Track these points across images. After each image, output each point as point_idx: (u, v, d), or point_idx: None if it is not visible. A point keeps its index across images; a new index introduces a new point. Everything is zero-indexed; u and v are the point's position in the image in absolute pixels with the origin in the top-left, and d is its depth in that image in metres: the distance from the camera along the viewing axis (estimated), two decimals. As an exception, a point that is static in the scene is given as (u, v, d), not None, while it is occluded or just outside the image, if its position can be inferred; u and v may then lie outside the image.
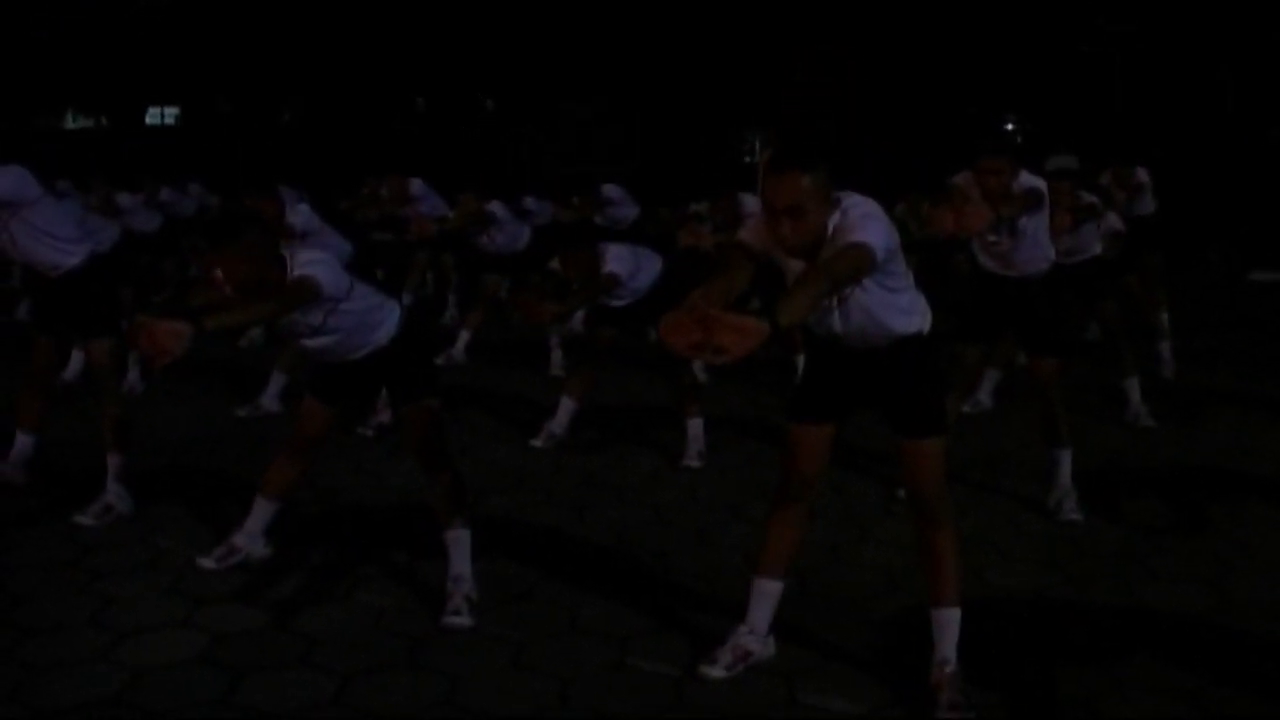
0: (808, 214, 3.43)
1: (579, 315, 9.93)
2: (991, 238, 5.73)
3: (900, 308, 3.75)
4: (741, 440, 7.09)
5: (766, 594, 4.06)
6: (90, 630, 4.26)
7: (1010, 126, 25.10)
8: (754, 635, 4.04)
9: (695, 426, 6.63)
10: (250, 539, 4.90)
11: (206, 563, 4.82)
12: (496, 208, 9.57)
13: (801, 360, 4.06)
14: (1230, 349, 10.39)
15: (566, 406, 6.99)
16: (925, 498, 3.89)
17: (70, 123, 29.67)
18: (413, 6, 23.69)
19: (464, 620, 4.34)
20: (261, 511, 4.91)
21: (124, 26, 26.47)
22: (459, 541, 4.54)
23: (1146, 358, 8.55)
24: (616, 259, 6.68)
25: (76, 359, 7.77)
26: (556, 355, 9.11)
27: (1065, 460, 5.81)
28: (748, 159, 26.30)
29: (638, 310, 6.78)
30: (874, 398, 3.93)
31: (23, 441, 5.88)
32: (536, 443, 6.88)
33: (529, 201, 11.27)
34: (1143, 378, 7.81)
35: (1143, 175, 9.70)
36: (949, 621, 3.88)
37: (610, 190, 12.29)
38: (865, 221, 3.45)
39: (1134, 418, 7.57)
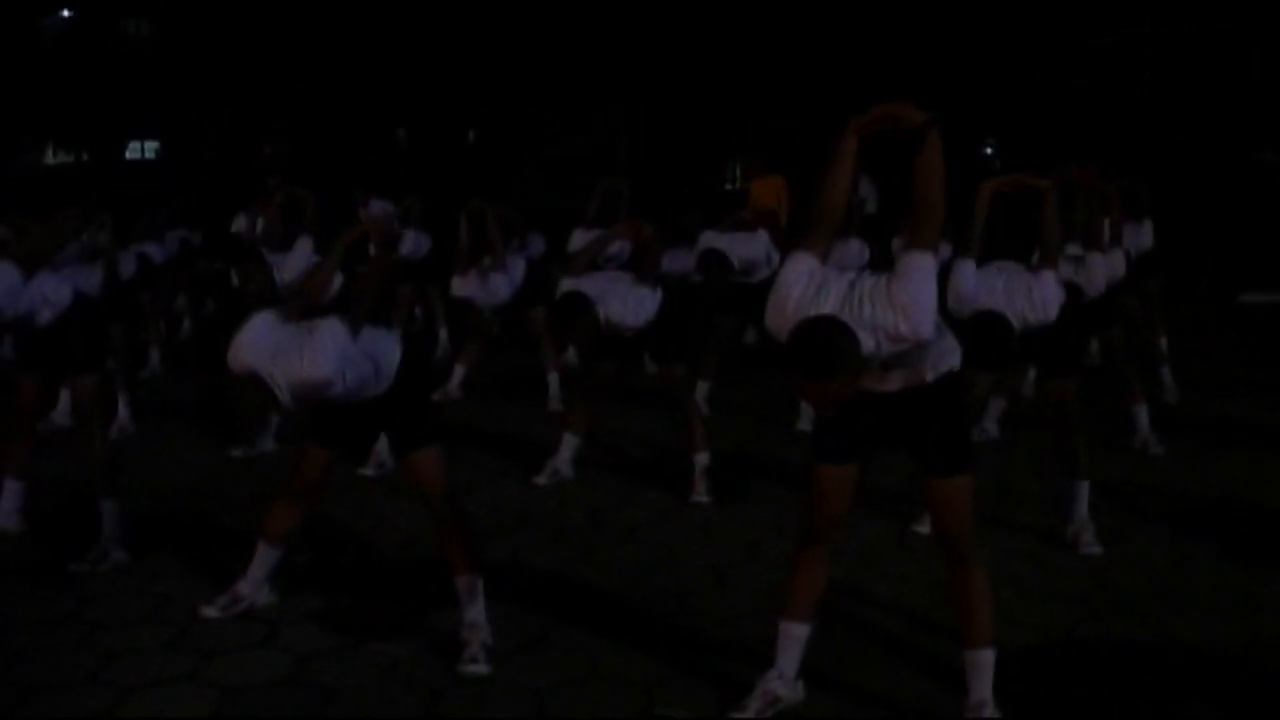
0: None
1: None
2: None
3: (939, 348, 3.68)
4: (751, 474, 6.94)
5: (795, 638, 3.94)
6: (92, 687, 4.10)
7: (989, 150, 25.18)
8: (783, 680, 3.92)
9: (702, 461, 6.50)
10: (254, 586, 4.77)
11: (210, 611, 4.68)
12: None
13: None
14: (1228, 373, 10.33)
15: (569, 442, 6.86)
16: (954, 537, 3.79)
17: (51, 158, 29.52)
18: (395, 38, 23.66)
19: (482, 668, 4.20)
20: (264, 558, 4.78)
21: (105, 60, 26.36)
22: (472, 587, 4.40)
23: (1148, 384, 8.46)
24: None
25: (65, 400, 7.60)
26: (554, 389, 8.94)
27: (1083, 493, 5.67)
28: (728, 186, 26.30)
29: (637, 343, 6.63)
30: (899, 435, 3.82)
31: (11, 488, 5.72)
32: (541, 480, 6.74)
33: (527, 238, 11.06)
34: (1148, 404, 7.72)
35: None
36: (984, 663, 3.78)
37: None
38: None
39: (1142, 445, 7.48)
